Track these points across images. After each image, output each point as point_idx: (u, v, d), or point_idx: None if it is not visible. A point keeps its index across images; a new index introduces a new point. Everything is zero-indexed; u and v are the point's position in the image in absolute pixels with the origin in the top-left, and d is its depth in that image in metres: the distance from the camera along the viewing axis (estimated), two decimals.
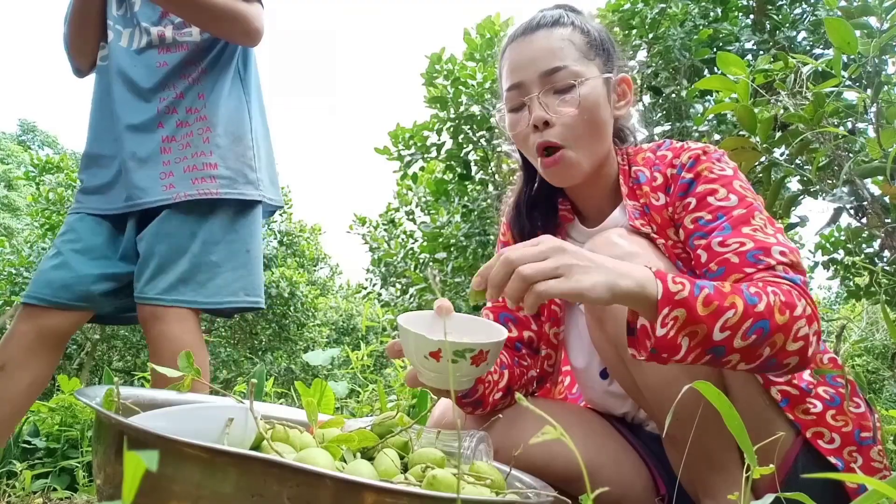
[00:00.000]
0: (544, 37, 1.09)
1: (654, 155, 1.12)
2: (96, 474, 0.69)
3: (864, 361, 6.91)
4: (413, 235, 6.90)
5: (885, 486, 0.51)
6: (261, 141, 1.70)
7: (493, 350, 0.87)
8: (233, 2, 1.54)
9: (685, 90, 3.58)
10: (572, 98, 1.06)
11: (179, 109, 1.59)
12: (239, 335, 10.48)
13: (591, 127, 1.07)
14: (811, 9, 3.51)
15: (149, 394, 0.94)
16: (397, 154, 4.98)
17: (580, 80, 1.06)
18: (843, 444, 0.98)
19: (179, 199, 1.54)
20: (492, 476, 0.80)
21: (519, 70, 1.09)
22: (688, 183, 1.05)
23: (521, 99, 1.09)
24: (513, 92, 1.10)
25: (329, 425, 0.89)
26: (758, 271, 0.92)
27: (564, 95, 1.06)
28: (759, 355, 0.84)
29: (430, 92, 4.67)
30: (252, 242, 1.65)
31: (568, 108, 1.06)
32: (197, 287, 1.55)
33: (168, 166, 1.56)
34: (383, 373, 7.81)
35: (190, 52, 1.61)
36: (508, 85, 1.11)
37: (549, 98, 1.07)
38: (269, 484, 0.56)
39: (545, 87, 1.07)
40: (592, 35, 1.12)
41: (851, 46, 1.53)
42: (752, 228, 0.97)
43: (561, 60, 1.06)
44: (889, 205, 1.89)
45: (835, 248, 3.73)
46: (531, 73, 1.07)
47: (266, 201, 1.69)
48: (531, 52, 1.08)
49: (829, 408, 1.00)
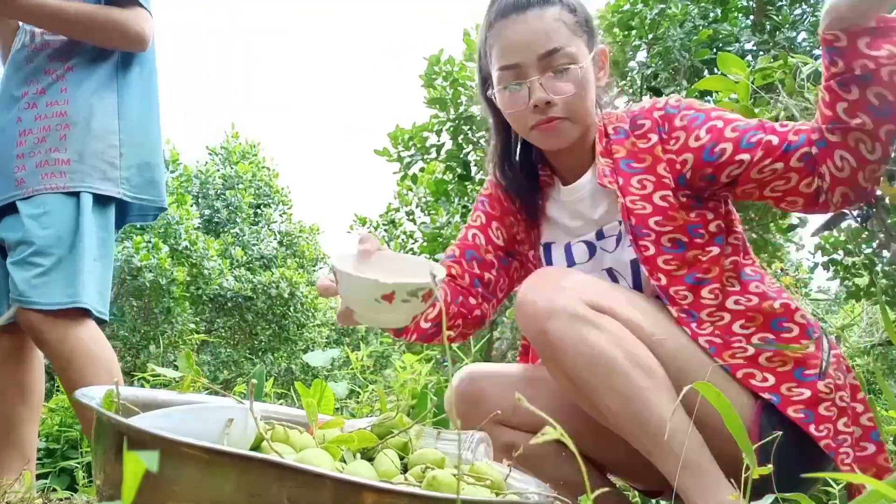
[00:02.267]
0: (537, 17, 1.12)
1: (633, 111, 1.21)
2: (96, 475, 0.69)
3: (864, 362, 6.91)
4: (413, 236, 6.90)
5: (885, 486, 0.51)
6: (135, 140, 1.68)
7: (439, 286, 0.91)
8: (105, 11, 1.58)
9: (685, 91, 3.58)
10: (570, 78, 1.12)
11: (39, 104, 1.60)
12: (239, 336, 10.48)
13: (585, 101, 1.15)
14: (811, 9, 3.51)
15: (149, 394, 0.94)
16: (397, 155, 4.98)
17: (577, 61, 1.12)
18: (779, 381, 1.03)
19: (28, 195, 1.54)
20: (491, 476, 0.80)
21: (515, 52, 1.12)
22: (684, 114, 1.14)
23: (519, 79, 1.13)
24: (508, 72, 1.14)
25: (329, 426, 0.89)
26: (810, 132, 1.02)
27: (562, 75, 1.12)
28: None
29: (430, 93, 4.68)
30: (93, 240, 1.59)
31: (567, 87, 1.11)
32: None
33: (22, 160, 1.58)
34: (383, 373, 7.81)
35: (55, 50, 1.64)
36: (503, 65, 1.14)
37: (547, 79, 1.11)
38: (269, 484, 0.56)
39: (543, 68, 1.11)
40: (578, 12, 1.16)
41: None
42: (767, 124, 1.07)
43: (556, 42, 1.11)
44: (889, 205, 1.89)
45: (834, 249, 3.73)
46: (529, 56, 1.11)
47: (131, 200, 1.66)
48: (526, 33, 1.12)
49: (761, 351, 1.05)
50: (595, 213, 1.21)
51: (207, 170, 11.40)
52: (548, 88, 1.11)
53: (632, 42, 3.84)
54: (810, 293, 6.85)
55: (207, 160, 11.82)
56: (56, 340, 1.49)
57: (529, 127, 1.16)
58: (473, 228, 1.34)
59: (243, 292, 9.80)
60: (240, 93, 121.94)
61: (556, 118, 1.13)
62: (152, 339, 8.09)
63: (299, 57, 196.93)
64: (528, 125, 1.16)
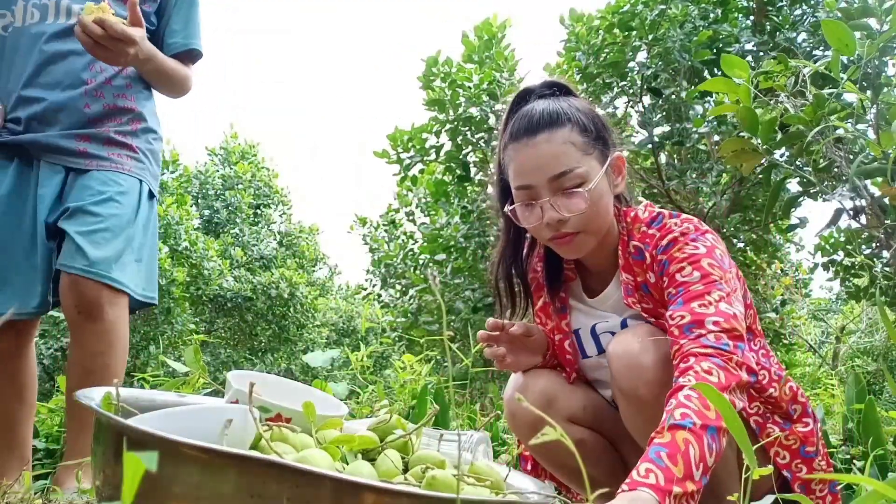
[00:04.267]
0: (546, 140, 1.17)
1: (648, 230, 1.24)
2: (96, 475, 0.69)
3: (864, 363, 6.91)
4: (413, 236, 6.90)
5: (885, 486, 0.51)
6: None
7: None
8: (186, 70, 1.72)
9: (685, 91, 3.59)
10: (580, 195, 1.16)
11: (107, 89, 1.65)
12: (238, 336, 10.48)
13: (599, 214, 1.20)
14: (811, 10, 3.51)
15: (148, 395, 0.94)
16: (396, 157, 4.98)
17: (586, 181, 1.16)
18: (792, 458, 1.20)
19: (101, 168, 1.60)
20: (491, 477, 0.80)
21: (527, 174, 1.19)
22: (663, 264, 1.18)
23: (532, 199, 1.19)
24: (523, 192, 1.20)
25: (327, 427, 0.88)
26: (689, 342, 1.04)
27: (572, 193, 1.16)
28: (722, 447, 0.93)
29: (429, 94, 4.68)
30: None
31: (577, 204, 1.16)
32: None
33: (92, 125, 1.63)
34: (383, 374, 7.81)
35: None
36: (517, 185, 1.21)
37: (559, 198, 1.16)
38: (269, 484, 0.56)
39: (554, 190, 1.17)
40: (588, 128, 1.20)
41: (849, 48, 1.53)
42: (699, 303, 1.08)
43: (566, 165, 1.16)
44: (888, 206, 1.89)
45: (834, 250, 3.73)
46: (540, 178, 1.17)
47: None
48: (537, 157, 1.17)
49: (783, 430, 1.20)
50: (620, 309, 1.30)
51: (207, 170, 11.42)
52: (559, 207, 1.16)
53: (632, 43, 3.84)
54: (810, 294, 6.86)
55: (207, 161, 11.83)
56: (112, 321, 1.51)
57: (546, 240, 1.23)
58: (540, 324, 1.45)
59: (243, 293, 9.81)
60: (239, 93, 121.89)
61: (570, 234, 1.19)
62: (152, 340, 8.09)
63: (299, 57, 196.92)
64: (545, 238, 1.22)
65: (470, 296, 4.84)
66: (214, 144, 11.99)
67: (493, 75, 4.50)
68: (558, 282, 1.37)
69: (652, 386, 1.08)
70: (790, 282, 5.94)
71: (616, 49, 3.89)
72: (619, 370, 1.13)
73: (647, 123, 3.87)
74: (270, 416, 0.87)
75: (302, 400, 0.89)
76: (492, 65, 4.63)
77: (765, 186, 2.07)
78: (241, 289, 9.78)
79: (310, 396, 0.99)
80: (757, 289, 5.39)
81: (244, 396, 0.85)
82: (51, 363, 6.80)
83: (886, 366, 6.30)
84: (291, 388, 1.06)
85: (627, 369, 1.11)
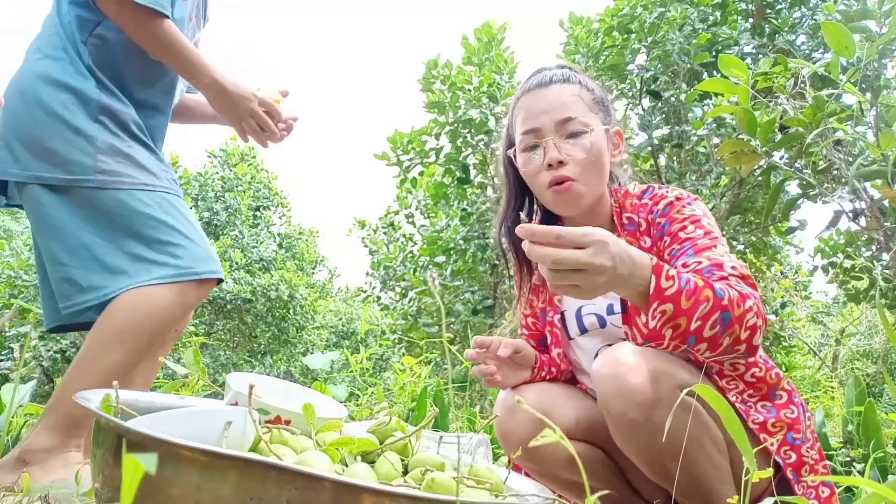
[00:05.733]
0: (557, 91, 1.28)
1: (640, 201, 1.32)
2: (95, 477, 0.69)
3: (864, 365, 6.91)
4: (412, 239, 6.90)
5: (885, 489, 0.51)
6: None
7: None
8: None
9: (684, 94, 3.59)
10: (582, 143, 1.24)
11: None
12: (238, 338, 10.48)
13: (596, 167, 1.26)
14: (810, 13, 3.52)
15: (147, 397, 0.94)
16: (396, 159, 4.99)
17: (589, 129, 1.25)
18: (780, 445, 1.20)
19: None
20: (491, 479, 0.80)
21: (536, 117, 1.27)
22: (663, 225, 1.25)
23: (537, 141, 1.27)
24: (529, 135, 1.28)
25: (327, 429, 0.88)
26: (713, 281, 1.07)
27: (575, 140, 1.25)
28: (720, 344, 1.02)
29: (429, 97, 4.69)
30: None
31: (578, 151, 1.24)
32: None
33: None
34: (382, 376, 7.80)
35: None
36: (525, 129, 1.29)
37: (562, 142, 1.25)
38: (268, 486, 0.56)
39: (559, 133, 1.25)
40: (596, 93, 1.33)
41: (849, 50, 1.53)
42: (711, 254, 1.14)
43: (573, 112, 1.25)
44: (887, 208, 1.89)
45: (834, 252, 3.73)
46: (547, 121, 1.26)
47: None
48: (547, 103, 1.27)
49: (768, 418, 1.20)
50: (608, 296, 1.31)
51: (206, 172, 11.41)
52: (561, 149, 1.24)
53: (631, 45, 3.84)
54: (810, 296, 6.85)
55: (206, 162, 11.84)
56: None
57: (545, 186, 1.27)
58: (530, 317, 1.49)
59: (243, 295, 9.80)
60: None
61: (568, 178, 1.24)
62: None
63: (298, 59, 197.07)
64: (544, 184, 1.27)
65: (469, 298, 4.85)
66: (214, 146, 12.00)
67: (492, 78, 4.51)
68: None
69: (643, 408, 1.06)
70: (790, 284, 5.94)
71: (615, 52, 3.89)
72: (607, 394, 1.10)
73: (647, 126, 3.87)
74: (270, 419, 0.87)
75: (301, 402, 0.89)
76: (491, 67, 4.63)
77: (764, 188, 2.07)
78: (241, 291, 9.77)
79: (309, 399, 0.99)
80: None
81: (244, 398, 0.85)
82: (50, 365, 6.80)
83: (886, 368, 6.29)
84: (291, 390, 1.06)
85: (615, 393, 1.08)
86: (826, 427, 1.90)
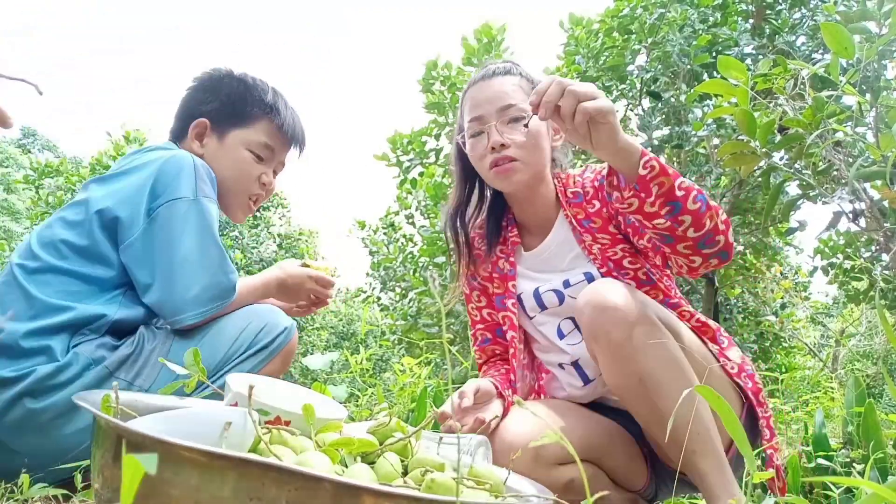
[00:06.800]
0: (499, 82, 1.40)
1: (582, 177, 1.45)
2: (94, 478, 0.69)
3: (864, 366, 6.91)
4: (412, 239, 6.90)
5: (885, 490, 0.51)
6: None
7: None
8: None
9: (684, 95, 3.59)
10: (521, 127, 1.36)
11: None
12: None
13: (536, 149, 1.38)
14: (810, 13, 3.52)
15: (147, 398, 0.93)
16: (396, 160, 4.99)
17: (528, 115, 1.34)
18: (740, 370, 1.32)
19: None
20: (491, 480, 0.79)
21: (480, 106, 1.39)
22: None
23: (481, 127, 1.38)
24: (474, 122, 1.39)
25: (327, 429, 0.88)
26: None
27: (515, 125, 1.37)
28: (704, 224, 1.11)
29: (428, 98, 4.69)
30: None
31: (518, 134, 1.36)
32: None
33: None
34: (382, 377, 7.80)
35: None
36: (470, 117, 1.40)
37: (504, 127, 1.37)
38: (268, 487, 0.56)
39: (501, 119, 1.37)
40: (535, 83, 1.41)
41: (849, 51, 1.53)
42: None
43: (513, 99, 1.37)
44: (887, 209, 1.89)
45: (834, 253, 3.73)
46: (489, 109, 1.38)
47: None
48: (490, 92, 1.39)
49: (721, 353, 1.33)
50: (562, 264, 1.43)
51: None
52: (503, 133, 1.36)
53: (631, 46, 3.85)
54: (810, 296, 6.85)
55: None
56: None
57: (488, 167, 1.37)
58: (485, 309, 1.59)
59: None
60: None
61: (509, 158, 1.35)
62: None
63: (298, 59, 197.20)
64: (487, 166, 1.38)
65: None
66: None
67: None
68: (498, 237, 1.53)
69: (623, 326, 1.12)
70: (790, 285, 5.94)
71: (615, 52, 3.89)
72: (589, 316, 1.17)
73: (647, 127, 3.87)
74: (269, 419, 0.87)
75: (301, 403, 0.89)
76: None
77: (764, 189, 2.07)
78: None
79: (309, 399, 0.99)
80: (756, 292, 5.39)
81: (243, 399, 0.85)
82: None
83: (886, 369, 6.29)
84: (291, 390, 1.06)
85: (596, 311, 1.15)
86: (826, 428, 1.89)
